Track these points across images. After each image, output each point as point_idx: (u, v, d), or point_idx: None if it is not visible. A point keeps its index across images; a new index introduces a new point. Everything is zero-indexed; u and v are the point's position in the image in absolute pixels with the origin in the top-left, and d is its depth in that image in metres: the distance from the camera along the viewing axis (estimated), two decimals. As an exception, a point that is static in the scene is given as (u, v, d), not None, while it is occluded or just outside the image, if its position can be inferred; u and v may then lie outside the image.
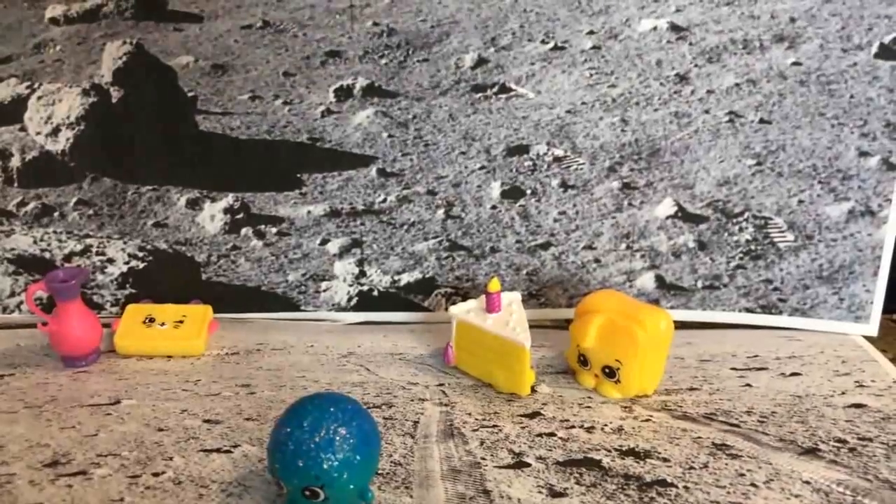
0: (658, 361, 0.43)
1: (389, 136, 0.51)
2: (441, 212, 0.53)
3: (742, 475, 0.36)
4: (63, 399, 0.44)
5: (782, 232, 0.52)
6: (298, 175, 0.52)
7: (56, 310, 0.47)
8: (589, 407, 0.42)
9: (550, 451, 0.38)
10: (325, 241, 0.53)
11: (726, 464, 0.37)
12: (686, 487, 0.35)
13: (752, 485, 0.35)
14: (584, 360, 0.44)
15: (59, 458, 0.38)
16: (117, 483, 0.36)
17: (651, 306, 0.43)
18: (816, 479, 0.35)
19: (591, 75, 0.50)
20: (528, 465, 0.36)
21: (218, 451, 0.38)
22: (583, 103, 0.50)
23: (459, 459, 0.37)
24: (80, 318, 0.47)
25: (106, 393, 0.44)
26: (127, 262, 0.53)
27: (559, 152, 0.51)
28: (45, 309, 0.49)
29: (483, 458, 0.37)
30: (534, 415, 0.41)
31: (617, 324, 0.42)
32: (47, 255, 0.53)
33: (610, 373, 0.43)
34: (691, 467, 0.36)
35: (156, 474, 0.36)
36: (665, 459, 0.37)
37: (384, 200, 0.53)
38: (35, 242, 0.53)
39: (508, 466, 0.36)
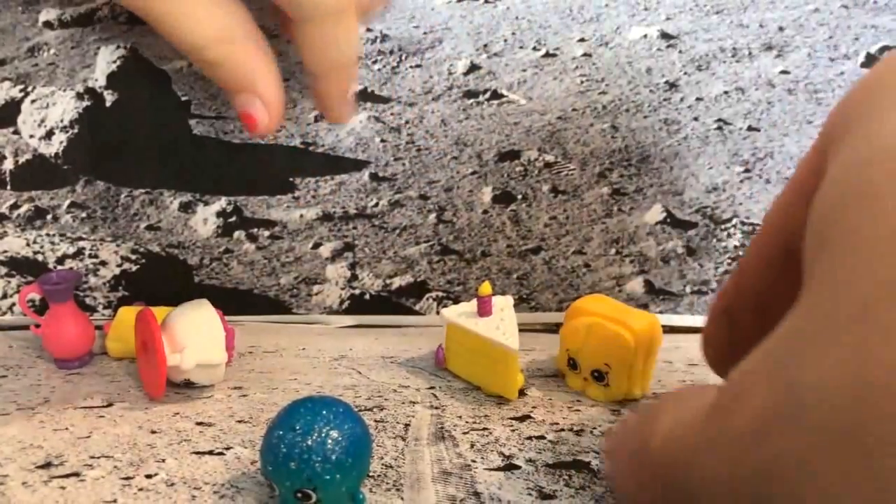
0: (647, 365, 0.43)
1: (382, 140, 0.51)
2: (433, 216, 0.53)
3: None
4: (56, 401, 0.44)
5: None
6: (291, 179, 0.52)
7: (49, 312, 0.47)
8: (578, 410, 0.43)
9: (540, 453, 0.38)
10: (317, 245, 0.54)
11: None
12: (673, 490, 0.35)
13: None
14: (573, 364, 0.44)
15: (51, 460, 0.38)
16: (110, 485, 0.36)
17: (640, 311, 0.44)
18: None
19: (582, 82, 0.50)
20: (518, 467, 0.37)
21: (210, 453, 0.38)
22: (573, 110, 0.51)
23: (450, 461, 0.37)
24: (72, 321, 0.47)
25: (98, 395, 0.44)
26: (120, 265, 0.54)
27: (550, 158, 0.52)
28: (38, 311, 0.49)
29: (473, 460, 0.37)
30: (524, 418, 0.42)
31: (606, 327, 0.42)
32: (40, 257, 0.53)
33: (599, 376, 0.43)
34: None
35: (148, 476, 0.36)
36: (653, 462, 0.37)
37: (376, 205, 0.53)
38: (28, 245, 0.53)
39: (499, 468, 0.37)
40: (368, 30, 0.50)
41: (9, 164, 0.51)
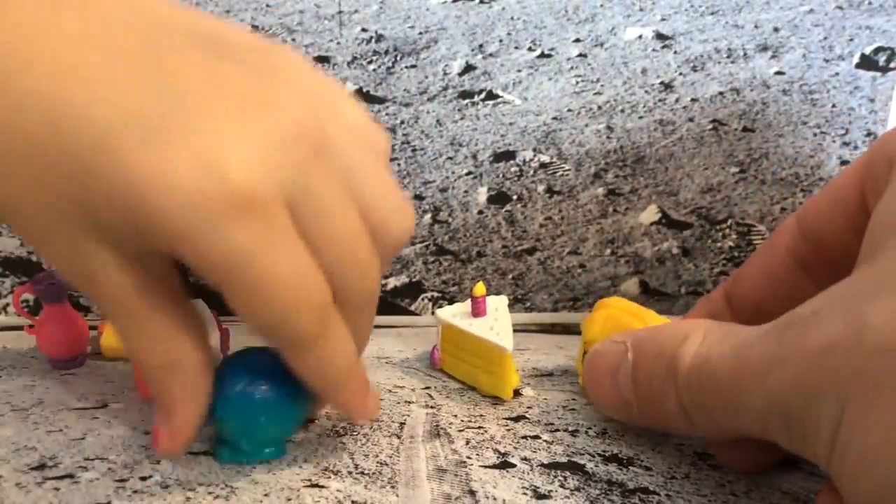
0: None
1: (377, 141, 0.51)
2: (428, 216, 0.53)
3: (722, 486, 0.36)
4: (50, 402, 0.44)
5: (765, 239, 0.53)
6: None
7: (43, 312, 0.47)
8: (573, 409, 0.43)
9: (535, 452, 0.38)
10: (312, 246, 0.53)
11: (707, 475, 0.37)
12: (668, 496, 0.35)
13: (733, 494, 0.35)
14: None
15: (46, 462, 0.38)
16: (104, 487, 0.36)
17: (661, 316, 0.43)
18: (795, 489, 0.36)
19: (578, 83, 0.50)
20: (514, 465, 0.37)
21: (205, 453, 0.38)
22: (569, 110, 0.51)
23: (445, 458, 0.37)
24: (67, 321, 0.47)
25: (93, 396, 0.44)
26: (114, 266, 0.53)
27: (545, 158, 0.52)
28: (32, 311, 0.49)
29: (469, 457, 0.37)
30: (518, 418, 0.42)
31: (621, 319, 0.42)
32: (34, 257, 0.53)
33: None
34: (673, 477, 0.37)
35: (143, 478, 0.36)
36: (647, 468, 0.37)
37: (372, 205, 0.53)
38: (22, 245, 0.53)
39: (494, 466, 0.37)
40: (364, 30, 0.50)
41: (3, 165, 0.51)
